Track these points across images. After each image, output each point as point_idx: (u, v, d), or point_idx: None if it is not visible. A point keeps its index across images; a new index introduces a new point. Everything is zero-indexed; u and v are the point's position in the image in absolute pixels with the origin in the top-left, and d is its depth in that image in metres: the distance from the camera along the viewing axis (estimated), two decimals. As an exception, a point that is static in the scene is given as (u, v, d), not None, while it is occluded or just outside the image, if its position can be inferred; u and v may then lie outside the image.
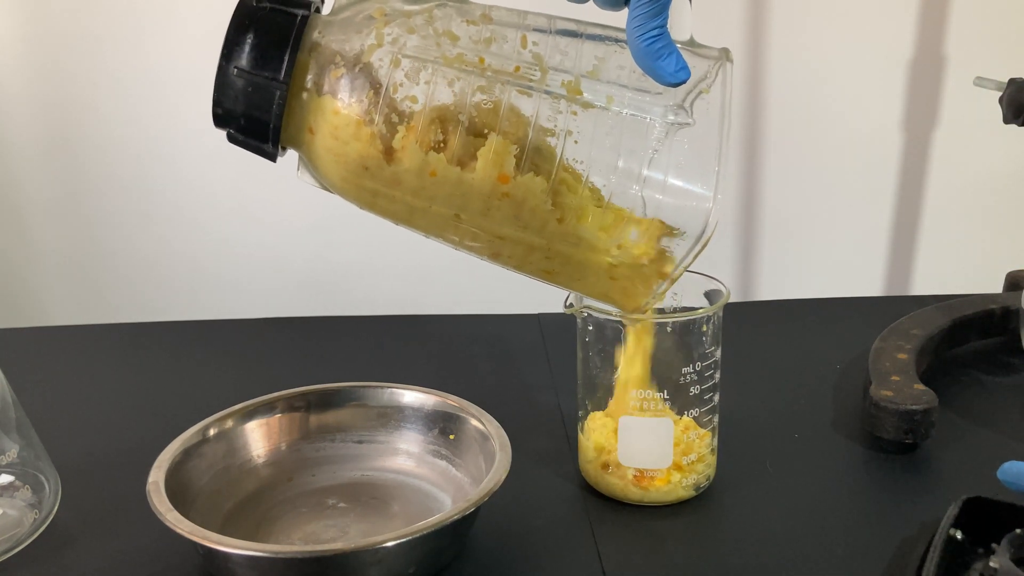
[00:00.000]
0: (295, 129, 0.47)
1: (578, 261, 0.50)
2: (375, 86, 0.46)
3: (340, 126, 0.46)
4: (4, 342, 0.85)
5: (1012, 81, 0.71)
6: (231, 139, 0.48)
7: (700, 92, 0.48)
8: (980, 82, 0.73)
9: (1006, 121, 0.71)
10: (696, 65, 0.48)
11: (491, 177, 0.47)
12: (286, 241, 1.14)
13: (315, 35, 0.47)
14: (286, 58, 0.45)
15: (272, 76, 0.46)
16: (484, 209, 0.48)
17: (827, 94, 1.11)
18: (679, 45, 0.47)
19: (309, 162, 0.49)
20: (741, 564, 0.55)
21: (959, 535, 0.53)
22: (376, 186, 0.48)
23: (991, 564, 0.49)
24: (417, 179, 0.47)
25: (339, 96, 0.46)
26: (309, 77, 0.47)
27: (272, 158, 0.48)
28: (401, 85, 0.46)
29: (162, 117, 1.08)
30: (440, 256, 1.12)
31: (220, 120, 0.47)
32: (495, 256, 0.51)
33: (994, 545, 0.50)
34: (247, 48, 0.45)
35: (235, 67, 0.46)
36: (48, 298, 1.15)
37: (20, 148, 1.09)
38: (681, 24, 0.49)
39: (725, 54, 0.49)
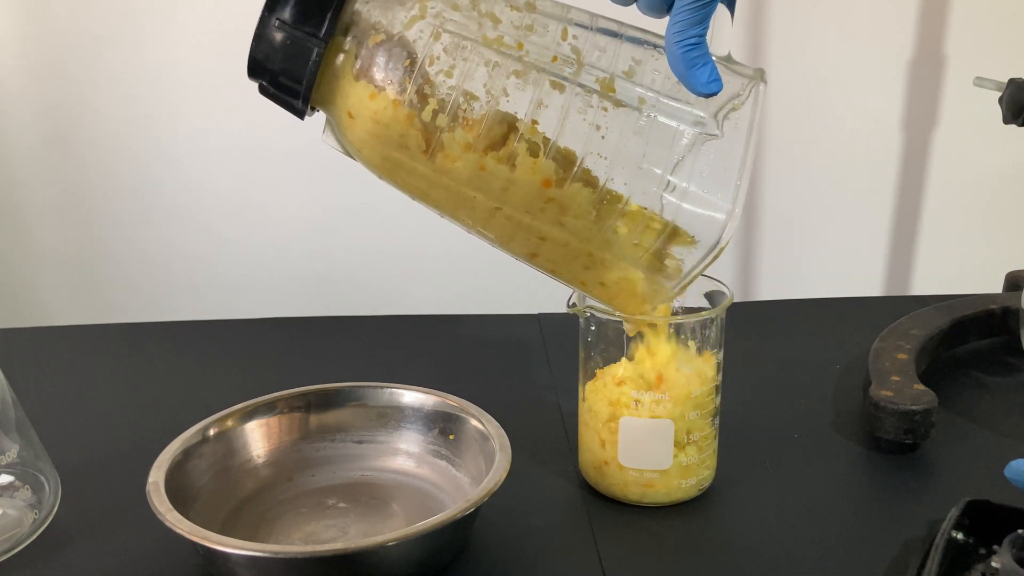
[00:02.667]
0: (327, 90, 0.48)
1: (604, 265, 0.51)
2: (412, 57, 0.46)
3: (379, 110, 0.47)
4: (4, 342, 0.85)
5: (1012, 81, 0.71)
6: (262, 91, 0.48)
7: (732, 108, 0.48)
8: (980, 82, 0.73)
9: (1006, 121, 0.71)
10: (730, 81, 0.48)
11: (534, 182, 0.47)
12: (287, 241, 1.14)
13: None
14: (328, 16, 0.46)
15: (312, 32, 0.46)
16: (526, 208, 0.48)
17: (827, 94, 1.11)
18: (716, 59, 0.48)
19: (351, 145, 0.49)
20: (741, 564, 0.55)
21: (960, 536, 0.53)
22: (415, 166, 0.48)
23: (993, 564, 0.49)
24: (464, 170, 0.47)
25: (375, 64, 0.46)
26: (348, 39, 0.47)
27: (300, 115, 0.49)
28: (438, 59, 0.47)
29: (163, 117, 1.08)
30: (441, 257, 1.13)
31: (254, 70, 0.47)
32: (531, 257, 0.52)
33: (995, 546, 0.50)
34: (291, 2, 0.46)
35: (276, 19, 0.46)
36: (48, 298, 1.15)
37: (20, 148, 1.09)
38: (720, 39, 0.49)
39: (760, 74, 0.50)
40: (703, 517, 0.59)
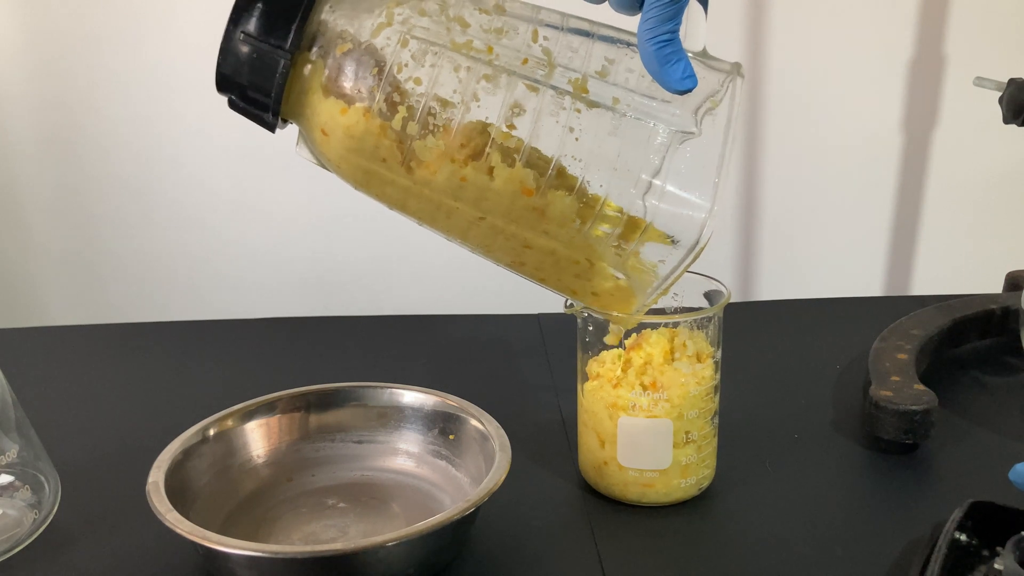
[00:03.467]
0: (296, 102, 0.47)
1: (598, 274, 0.50)
2: (380, 65, 0.46)
3: (351, 124, 0.46)
4: (4, 342, 0.85)
5: (1012, 81, 0.71)
6: (232, 106, 0.48)
7: (710, 105, 0.48)
8: (980, 82, 0.73)
9: (1006, 121, 0.71)
10: (706, 77, 0.48)
11: (514, 191, 0.47)
12: (287, 241, 1.14)
13: (326, 8, 0.47)
14: (293, 28, 0.45)
15: (278, 44, 0.45)
16: (508, 216, 0.48)
17: (827, 94, 1.11)
18: (691, 55, 0.47)
19: (329, 162, 0.49)
20: (741, 564, 0.55)
21: (963, 538, 0.53)
22: (395, 178, 0.48)
23: (996, 567, 0.49)
24: (443, 180, 0.47)
25: (344, 74, 0.46)
26: (315, 49, 0.46)
27: (271, 128, 0.48)
28: (406, 66, 0.46)
29: (163, 116, 1.08)
30: (440, 257, 1.13)
31: (222, 85, 0.47)
32: (518, 266, 0.51)
33: (999, 548, 0.50)
34: (256, 14, 0.45)
35: (242, 32, 0.45)
36: (48, 298, 1.15)
37: (20, 147, 1.09)
38: (696, 35, 0.49)
39: (736, 69, 0.49)
40: (703, 517, 0.59)
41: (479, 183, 0.47)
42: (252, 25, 0.45)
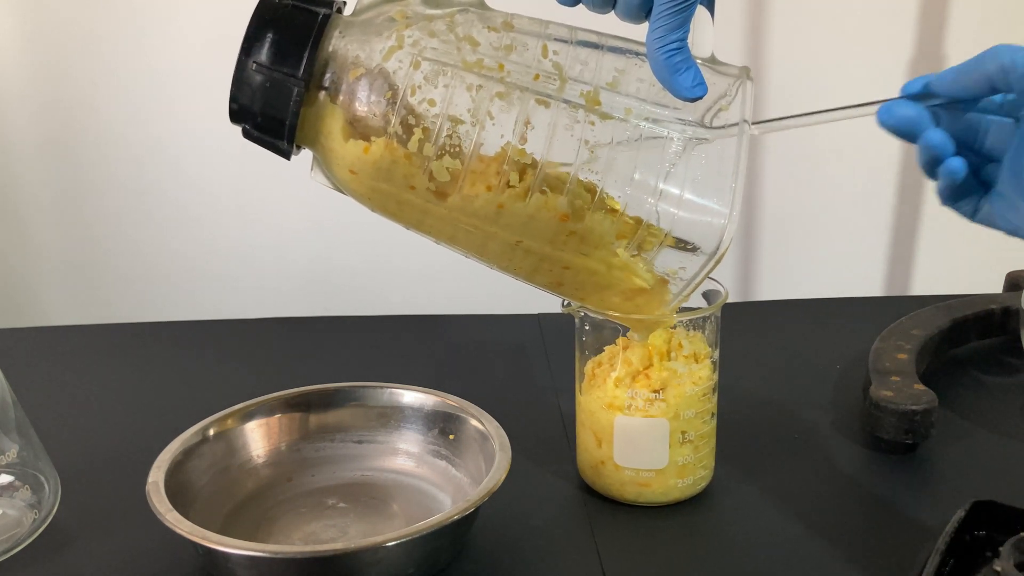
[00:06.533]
0: (311, 128, 0.47)
1: (625, 289, 0.50)
2: (393, 88, 0.46)
3: (377, 159, 0.46)
4: (4, 342, 0.85)
5: (1012, 81, 0.70)
6: (246, 135, 0.48)
7: (719, 109, 0.48)
8: (980, 82, 0.73)
9: (1006, 121, 0.71)
10: (716, 82, 0.48)
11: (552, 218, 0.47)
12: (287, 241, 1.14)
13: (336, 34, 0.47)
14: (305, 55, 0.45)
15: (290, 72, 0.45)
16: (542, 238, 0.48)
17: (827, 94, 1.11)
18: (699, 61, 0.47)
19: (362, 198, 0.49)
20: (740, 564, 0.55)
21: (967, 538, 0.52)
22: (425, 204, 0.48)
23: (995, 568, 0.49)
24: (481, 208, 0.47)
25: (358, 99, 0.46)
26: (328, 76, 0.46)
27: (287, 156, 0.48)
28: (419, 88, 0.46)
29: (163, 117, 1.08)
30: (440, 257, 1.12)
31: (236, 115, 0.47)
32: (556, 286, 0.51)
33: (1000, 548, 0.50)
34: (267, 44, 0.45)
35: (254, 62, 0.45)
36: (48, 298, 1.15)
37: (20, 148, 1.09)
38: (703, 41, 0.49)
39: (745, 72, 0.49)
40: (703, 517, 0.59)
41: (512, 209, 0.47)
42: (264, 55, 0.45)
